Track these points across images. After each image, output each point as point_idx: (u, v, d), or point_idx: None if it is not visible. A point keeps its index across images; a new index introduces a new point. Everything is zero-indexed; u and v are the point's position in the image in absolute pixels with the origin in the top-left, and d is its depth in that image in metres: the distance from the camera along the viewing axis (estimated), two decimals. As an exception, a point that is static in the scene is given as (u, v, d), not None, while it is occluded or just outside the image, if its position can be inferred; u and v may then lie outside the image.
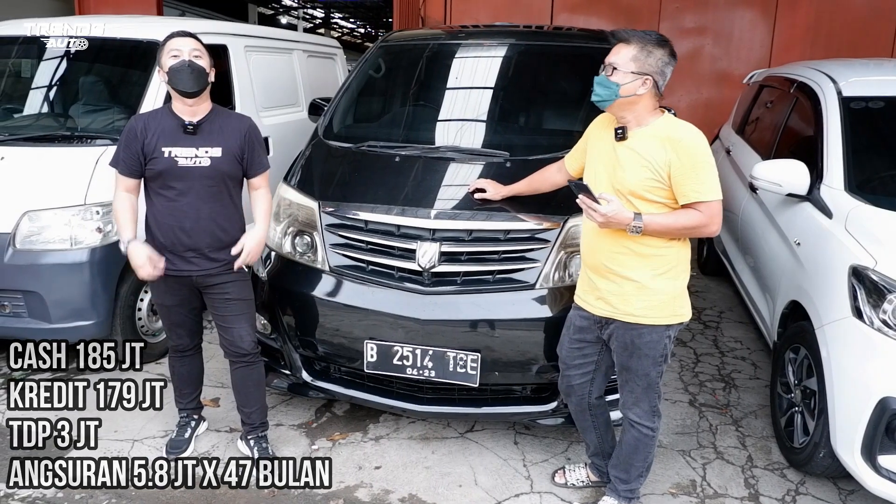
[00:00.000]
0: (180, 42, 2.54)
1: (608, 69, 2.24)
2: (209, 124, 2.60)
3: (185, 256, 2.62)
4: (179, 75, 2.50)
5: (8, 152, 3.55)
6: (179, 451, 2.93)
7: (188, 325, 2.84)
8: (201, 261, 2.63)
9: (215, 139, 2.59)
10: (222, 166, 2.59)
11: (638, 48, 2.22)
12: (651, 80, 2.22)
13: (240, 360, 2.79)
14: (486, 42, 4.14)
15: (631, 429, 2.47)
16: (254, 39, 5.15)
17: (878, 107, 3.34)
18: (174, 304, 2.75)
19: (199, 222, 2.59)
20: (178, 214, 2.57)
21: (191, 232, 2.59)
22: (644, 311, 2.29)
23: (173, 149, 2.53)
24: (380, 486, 2.80)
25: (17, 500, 2.66)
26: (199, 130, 2.57)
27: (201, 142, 2.57)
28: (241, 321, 2.75)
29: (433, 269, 2.80)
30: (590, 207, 2.18)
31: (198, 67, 2.52)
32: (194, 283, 2.69)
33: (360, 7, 22.38)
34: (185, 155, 2.54)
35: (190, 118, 2.57)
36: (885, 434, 2.37)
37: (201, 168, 2.56)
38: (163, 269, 2.57)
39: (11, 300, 3.35)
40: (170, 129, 2.56)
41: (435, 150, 3.34)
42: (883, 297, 2.43)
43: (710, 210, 2.19)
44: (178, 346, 2.88)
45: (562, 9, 8.23)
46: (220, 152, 2.58)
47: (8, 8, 7.10)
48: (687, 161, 2.16)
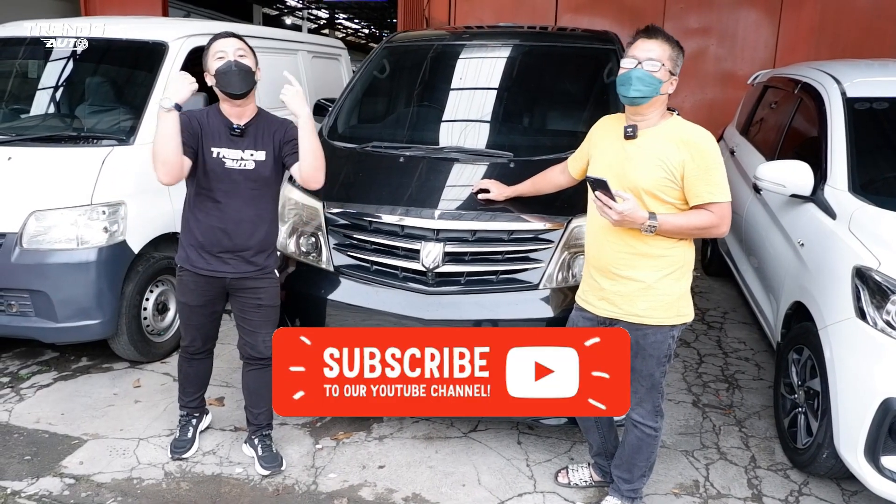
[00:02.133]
0: (224, 43, 2.53)
1: (652, 65, 2.20)
2: (255, 127, 2.61)
3: (222, 258, 2.62)
4: (227, 77, 2.49)
5: (15, 152, 3.57)
6: (183, 451, 2.95)
7: (206, 329, 2.84)
8: (238, 263, 2.64)
9: (260, 142, 2.60)
10: (266, 170, 2.61)
11: (673, 48, 2.24)
12: (676, 80, 2.26)
13: (256, 362, 2.80)
14: (490, 43, 4.15)
15: (634, 429, 2.48)
16: (258, 40, 5.15)
17: (883, 107, 3.33)
18: (199, 305, 2.74)
19: (241, 225, 2.60)
20: (221, 216, 2.58)
21: (232, 234, 2.60)
22: (649, 312, 2.30)
23: (221, 150, 2.54)
24: (383, 485, 2.81)
25: (23, 498, 2.68)
26: (246, 133, 2.58)
27: (247, 144, 2.58)
28: (267, 327, 2.74)
29: (437, 270, 2.81)
30: (606, 204, 2.17)
31: (244, 67, 2.52)
32: (227, 285, 2.69)
33: (364, 7, 22.40)
34: (231, 157, 2.55)
35: (237, 120, 2.58)
36: (888, 435, 2.37)
37: (246, 171, 2.57)
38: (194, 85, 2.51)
39: (18, 299, 3.37)
40: (218, 129, 2.56)
41: (439, 151, 3.35)
42: (886, 297, 2.44)
43: (721, 211, 2.20)
44: (189, 348, 2.86)
45: (566, 9, 8.23)
46: (265, 156, 2.60)
47: (13, 9, 7.13)
48: (701, 163, 2.18)
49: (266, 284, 2.72)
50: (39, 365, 3.82)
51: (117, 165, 3.53)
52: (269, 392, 2.85)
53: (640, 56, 2.23)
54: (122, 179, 3.54)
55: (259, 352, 2.76)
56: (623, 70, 2.26)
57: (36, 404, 3.39)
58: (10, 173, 3.48)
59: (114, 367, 3.80)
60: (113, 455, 2.96)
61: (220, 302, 2.77)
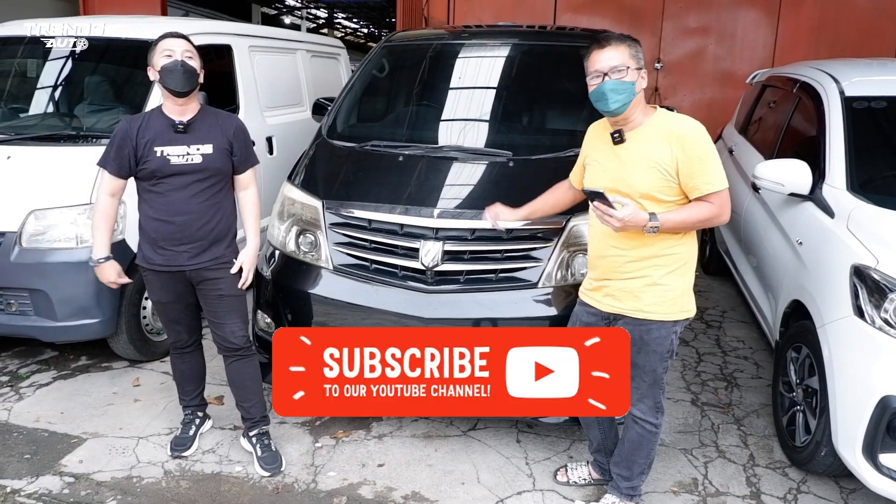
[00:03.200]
0: (173, 42, 2.60)
1: (619, 72, 2.21)
2: (199, 123, 2.66)
3: (178, 251, 2.66)
4: (172, 75, 2.55)
5: (14, 152, 3.58)
6: (183, 449, 2.95)
7: (185, 321, 2.87)
8: (193, 255, 2.68)
9: (205, 136, 2.65)
10: (214, 162, 2.66)
11: (628, 46, 2.25)
12: (645, 71, 2.26)
13: (233, 354, 2.83)
14: (489, 42, 4.15)
15: (634, 425, 2.48)
16: (257, 39, 5.17)
17: (881, 106, 3.34)
18: (170, 301, 2.79)
19: (191, 217, 2.64)
20: (171, 210, 2.62)
21: (183, 226, 2.63)
22: (653, 307, 2.30)
23: (165, 148, 2.59)
24: (383, 483, 2.81)
25: (23, 496, 2.69)
26: (190, 129, 2.63)
27: (192, 140, 2.62)
28: (233, 317, 2.78)
29: (436, 268, 2.81)
30: (605, 213, 2.17)
31: (189, 68, 2.58)
32: (188, 277, 2.72)
33: (363, 7, 22.40)
34: (177, 153, 2.59)
35: (180, 117, 2.63)
36: (886, 432, 2.38)
37: (193, 165, 2.62)
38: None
39: (18, 298, 3.37)
40: (161, 129, 2.61)
41: (438, 150, 3.36)
42: (884, 296, 2.44)
43: (720, 199, 2.21)
44: (177, 343, 2.91)
45: (565, 9, 8.23)
46: (212, 149, 2.65)
47: (12, 8, 7.13)
48: (693, 155, 2.17)
49: (224, 275, 2.74)
50: (39, 364, 3.83)
51: (117, 164, 3.53)
52: (255, 384, 2.88)
53: (602, 68, 2.23)
54: (122, 179, 3.54)
55: (230, 342, 2.79)
56: (592, 87, 2.26)
57: (35, 403, 3.39)
58: (9, 172, 3.49)
59: (113, 366, 3.80)
60: (112, 454, 2.97)
61: (190, 294, 2.79)
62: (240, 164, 2.76)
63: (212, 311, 2.78)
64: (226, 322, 2.77)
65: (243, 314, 2.84)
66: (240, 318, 2.81)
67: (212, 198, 2.68)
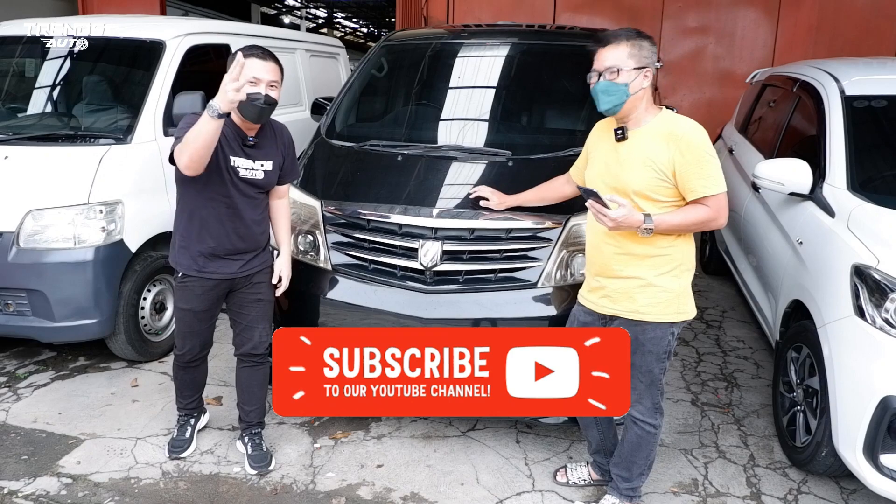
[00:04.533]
0: (262, 68, 2.44)
1: (611, 73, 2.21)
2: (263, 139, 2.65)
3: (232, 259, 2.66)
4: (251, 108, 2.44)
5: (12, 151, 3.56)
6: (181, 451, 2.94)
7: (205, 335, 2.83)
8: (246, 263, 2.70)
9: (268, 152, 2.65)
10: (271, 180, 2.69)
11: (629, 44, 2.23)
12: (651, 70, 2.24)
13: (251, 359, 2.82)
14: (488, 41, 4.14)
15: (633, 426, 2.47)
16: (256, 39, 5.15)
17: (881, 105, 3.33)
18: (203, 309, 2.73)
19: (250, 227, 2.66)
20: (236, 221, 2.62)
21: (245, 237, 2.66)
22: (649, 308, 2.29)
23: (237, 159, 2.57)
24: (382, 484, 2.80)
25: (20, 498, 2.67)
26: (257, 145, 2.62)
27: (258, 155, 2.62)
28: (264, 322, 2.80)
29: (435, 268, 2.80)
30: (599, 212, 2.17)
31: (272, 101, 2.48)
32: (231, 284, 2.71)
33: (362, 7, 22.38)
34: (245, 167, 2.59)
35: (250, 133, 2.60)
36: (887, 433, 2.37)
37: (256, 181, 2.63)
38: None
39: (15, 299, 3.36)
40: (233, 139, 2.56)
41: (437, 150, 3.35)
42: (885, 296, 2.43)
43: (717, 203, 2.19)
44: (185, 356, 2.83)
45: (564, 8, 8.22)
46: (272, 165, 2.67)
47: (11, 8, 7.12)
48: (691, 157, 2.17)
49: (266, 279, 2.79)
50: (37, 364, 3.82)
51: (114, 164, 3.52)
52: (261, 390, 2.87)
53: (598, 67, 2.25)
54: (120, 178, 3.53)
55: (255, 347, 2.79)
56: (591, 85, 2.29)
57: (33, 404, 3.38)
58: (7, 172, 3.47)
59: (111, 366, 3.79)
60: (110, 454, 2.96)
61: (220, 305, 2.79)
62: (285, 176, 2.77)
63: (245, 316, 2.78)
64: (257, 326, 2.79)
65: (271, 320, 2.86)
66: (269, 323, 2.83)
67: (265, 209, 2.73)
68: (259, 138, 2.62)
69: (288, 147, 2.75)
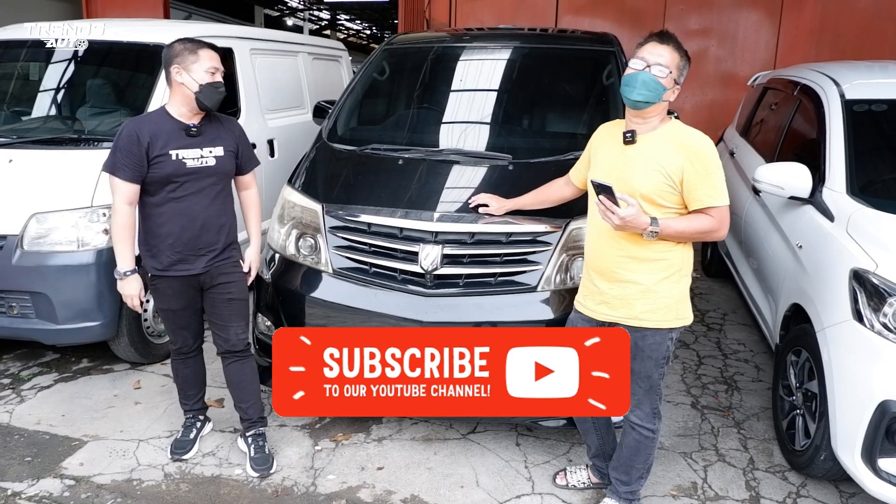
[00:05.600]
0: (215, 59, 2.62)
1: (659, 70, 2.19)
2: (206, 126, 2.68)
3: (197, 255, 2.69)
4: (213, 95, 2.59)
5: (16, 155, 3.58)
6: (184, 452, 2.96)
7: (193, 328, 2.89)
8: (211, 259, 2.72)
9: (215, 139, 2.68)
10: (225, 165, 2.71)
11: (681, 58, 2.24)
12: (678, 89, 2.26)
13: (233, 355, 2.87)
14: (490, 45, 4.15)
15: (632, 431, 2.48)
16: (259, 42, 5.18)
17: (881, 109, 3.33)
18: (181, 308, 2.79)
19: (210, 220, 2.68)
20: (191, 214, 2.64)
21: (203, 230, 2.67)
22: (647, 315, 2.30)
23: (180, 151, 2.58)
24: (382, 486, 2.82)
25: (24, 499, 2.69)
26: (201, 132, 2.65)
27: (204, 143, 2.65)
28: (238, 320, 2.84)
29: (436, 272, 2.81)
30: (608, 209, 2.18)
31: (224, 89, 2.64)
32: (200, 282, 2.74)
33: (365, 9, 22.43)
34: (191, 156, 2.61)
35: (191, 121, 2.64)
36: (885, 437, 2.38)
37: (208, 168, 2.64)
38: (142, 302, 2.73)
39: (19, 301, 3.38)
40: (172, 131, 2.60)
41: (438, 153, 3.36)
42: (883, 300, 2.44)
43: (720, 214, 2.21)
44: (182, 349, 2.91)
45: (566, 11, 8.23)
46: (222, 151, 2.69)
47: (14, 11, 7.15)
48: (700, 167, 2.18)
49: (236, 278, 2.82)
50: (40, 366, 3.84)
51: (118, 167, 3.53)
52: (252, 384, 2.91)
53: (649, 59, 2.22)
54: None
55: (233, 344, 2.83)
56: (630, 71, 2.24)
57: (37, 406, 3.40)
58: (11, 176, 3.49)
59: (114, 368, 3.81)
60: (113, 456, 2.98)
61: (198, 300, 2.82)
62: (244, 165, 2.82)
63: (218, 315, 2.82)
64: (231, 325, 2.82)
65: (246, 318, 2.89)
66: (244, 321, 2.87)
67: (224, 200, 2.75)
68: (202, 125, 2.66)
69: (239, 136, 2.79)
